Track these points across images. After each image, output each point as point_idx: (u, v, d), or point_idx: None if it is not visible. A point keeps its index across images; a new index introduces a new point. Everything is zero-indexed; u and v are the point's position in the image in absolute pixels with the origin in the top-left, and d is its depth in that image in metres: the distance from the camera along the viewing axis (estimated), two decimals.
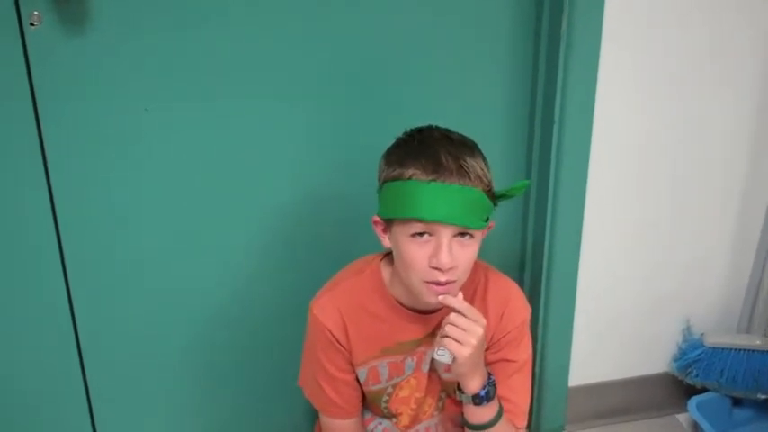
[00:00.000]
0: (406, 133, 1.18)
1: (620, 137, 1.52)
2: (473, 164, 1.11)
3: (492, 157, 1.16)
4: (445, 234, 1.10)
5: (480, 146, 1.16)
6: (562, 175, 1.49)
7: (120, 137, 1.33)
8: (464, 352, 1.13)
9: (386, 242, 1.19)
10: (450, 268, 1.11)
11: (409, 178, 1.10)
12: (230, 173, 1.41)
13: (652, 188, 1.59)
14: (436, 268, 1.11)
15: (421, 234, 1.11)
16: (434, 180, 1.09)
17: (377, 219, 1.18)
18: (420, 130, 1.17)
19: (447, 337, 1.13)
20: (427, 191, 1.09)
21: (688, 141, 1.56)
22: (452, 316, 1.14)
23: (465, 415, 1.24)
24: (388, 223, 1.16)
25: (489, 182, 1.14)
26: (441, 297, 1.13)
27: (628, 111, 1.50)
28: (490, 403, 1.21)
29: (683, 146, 1.57)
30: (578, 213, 1.54)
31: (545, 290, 1.59)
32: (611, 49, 1.42)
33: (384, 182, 1.15)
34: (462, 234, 1.12)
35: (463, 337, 1.13)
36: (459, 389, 1.21)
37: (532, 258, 1.62)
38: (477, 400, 1.20)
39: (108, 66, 1.28)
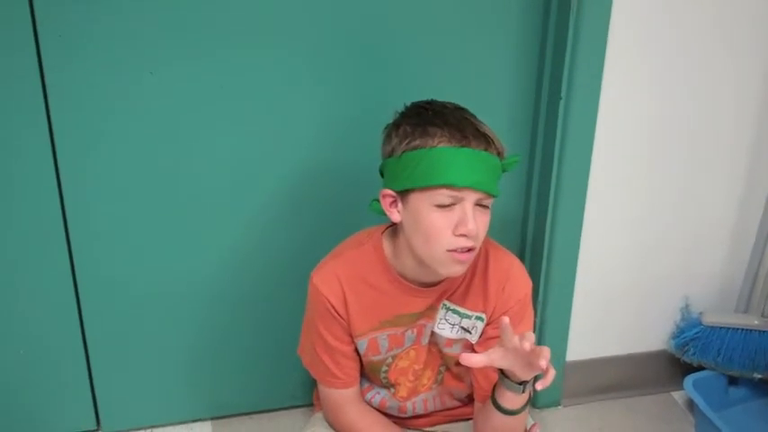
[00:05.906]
0: (409, 107, 1.17)
1: (625, 115, 1.51)
2: (492, 132, 1.13)
3: (496, 132, 1.15)
4: (470, 201, 1.11)
5: (485, 120, 1.16)
6: (566, 151, 1.49)
7: (125, 100, 1.32)
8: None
9: (395, 216, 1.17)
10: (475, 235, 1.12)
11: (435, 146, 1.09)
12: (237, 138, 1.41)
13: (655, 167, 1.58)
14: (462, 235, 1.11)
15: (447, 204, 1.11)
16: (464, 146, 1.09)
17: (387, 191, 1.17)
18: (428, 103, 1.16)
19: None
20: (457, 157, 1.09)
21: (692, 122, 1.55)
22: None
23: (501, 400, 1.21)
24: (403, 195, 1.15)
25: (504, 150, 1.15)
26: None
27: (634, 89, 1.49)
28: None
29: (687, 126, 1.56)
30: (581, 190, 1.54)
31: (546, 265, 1.59)
32: (619, 26, 1.41)
33: (402, 152, 1.12)
34: (481, 203, 1.13)
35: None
36: (506, 376, 1.18)
37: (534, 234, 1.62)
38: (527, 387, 1.19)
39: (113, 28, 1.27)
